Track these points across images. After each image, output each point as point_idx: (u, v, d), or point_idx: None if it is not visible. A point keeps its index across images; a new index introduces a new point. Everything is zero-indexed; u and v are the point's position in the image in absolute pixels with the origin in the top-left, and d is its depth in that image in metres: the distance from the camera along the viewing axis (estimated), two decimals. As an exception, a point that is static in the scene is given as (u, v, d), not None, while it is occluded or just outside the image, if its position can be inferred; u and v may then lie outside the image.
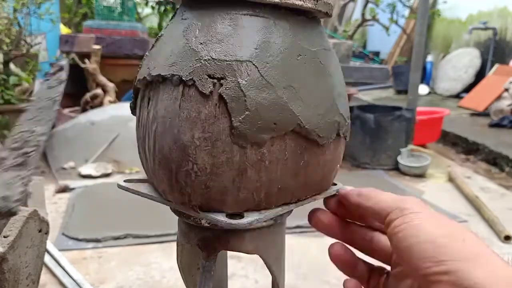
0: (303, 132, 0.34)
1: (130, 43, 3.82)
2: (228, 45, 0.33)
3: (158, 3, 5.03)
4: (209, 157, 0.32)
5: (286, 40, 0.34)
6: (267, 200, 0.35)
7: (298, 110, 0.34)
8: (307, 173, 0.36)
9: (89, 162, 2.53)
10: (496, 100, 4.05)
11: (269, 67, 0.33)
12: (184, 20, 0.35)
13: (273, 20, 0.34)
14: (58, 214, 1.89)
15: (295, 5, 0.34)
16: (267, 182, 0.34)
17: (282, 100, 0.33)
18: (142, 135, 0.37)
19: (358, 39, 7.19)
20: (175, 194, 0.35)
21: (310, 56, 0.36)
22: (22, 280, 0.70)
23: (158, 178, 0.36)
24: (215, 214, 0.34)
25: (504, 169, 2.74)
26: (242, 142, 0.32)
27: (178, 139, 0.33)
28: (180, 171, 0.33)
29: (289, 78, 0.34)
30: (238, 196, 0.34)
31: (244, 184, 0.33)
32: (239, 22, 0.33)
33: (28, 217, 0.70)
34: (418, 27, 2.72)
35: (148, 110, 0.35)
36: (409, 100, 2.83)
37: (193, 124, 0.32)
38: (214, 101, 0.32)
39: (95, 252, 1.58)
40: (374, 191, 0.36)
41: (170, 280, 1.42)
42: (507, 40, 4.97)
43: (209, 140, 0.32)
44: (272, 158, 0.34)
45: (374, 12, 4.16)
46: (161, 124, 0.34)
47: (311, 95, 0.35)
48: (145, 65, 0.37)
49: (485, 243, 0.29)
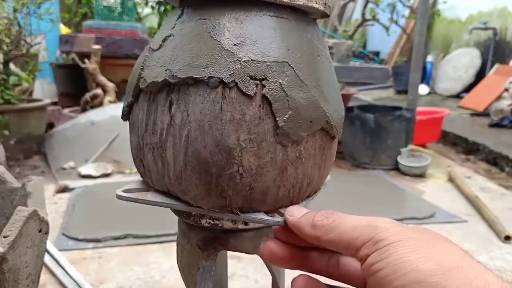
0: (328, 128, 0.36)
1: (130, 43, 3.82)
2: (263, 46, 0.33)
3: (158, 3, 5.02)
4: (255, 158, 0.33)
5: (306, 41, 0.36)
6: (298, 195, 0.37)
7: (326, 108, 0.35)
8: (325, 166, 0.38)
9: (89, 162, 2.53)
10: (496, 100, 4.05)
11: (301, 67, 0.34)
12: (204, 20, 0.34)
13: (294, 22, 0.35)
14: (58, 214, 1.89)
15: (313, 8, 0.35)
16: (302, 178, 0.36)
17: (314, 99, 0.34)
18: (158, 141, 0.35)
19: (358, 39, 7.19)
20: (213, 198, 0.34)
21: (324, 56, 0.37)
22: (22, 280, 0.69)
23: (187, 185, 0.34)
24: (256, 214, 0.35)
25: (504, 169, 2.74)
26: (285, 141, 0.33)
27: (221, 142, 0.32)
28: (223, 175, 0.33)
29: (316, 78, 0.35)
30: (277, 195, 0.35)
31: (284, 182, 0.34)
32: (266, 23, 0.34)
33: (28, 217, 0.70)
34: (418, 27, 2.72)
35: (172, 114, 0.34)
36: (409, 100, 2.83)
37: (237, 126, 0.32)
38: (257, 102, 0.32)
39: (95, 252, 1.58)
40: (332, 217, 0.29)
41: (170, 280, 1.42)
42: (507, 40, 4.96)
43: (254, 141, 0.32)
44: (307, 154, 0.35)
45: (374, 12, 4.15)
46: (196, 128, 0.33)
47: (331, 92, 0.36)
48: (154, 66, 0.35)
49: (484, 265, 0.24)
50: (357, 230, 0.27)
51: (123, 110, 0.39)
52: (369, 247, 0.26)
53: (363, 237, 0.26)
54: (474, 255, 1.11)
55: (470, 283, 0.23)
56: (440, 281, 0.23)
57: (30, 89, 3.21)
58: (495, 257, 1.60)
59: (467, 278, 0.23)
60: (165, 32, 0.36)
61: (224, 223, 0.37)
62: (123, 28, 3.96)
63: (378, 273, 0.25)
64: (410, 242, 0.25)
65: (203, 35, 0.34)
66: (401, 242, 0.25)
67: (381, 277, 0.24)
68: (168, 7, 4.83)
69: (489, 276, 0.23)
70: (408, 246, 0.25)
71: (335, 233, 0.28)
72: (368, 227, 0.27)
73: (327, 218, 0.29)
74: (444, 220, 1.91)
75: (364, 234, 0.26)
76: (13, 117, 2.63)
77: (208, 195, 0.34)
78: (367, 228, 0.27)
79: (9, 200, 0.90)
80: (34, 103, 2.86)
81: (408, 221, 1.87)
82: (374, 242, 0.26)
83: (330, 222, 0.28)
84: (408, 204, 2.11)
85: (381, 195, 2.23)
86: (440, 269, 0.23)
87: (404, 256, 0.24)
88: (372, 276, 0.25)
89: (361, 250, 0.26)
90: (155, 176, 0.37)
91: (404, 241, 0.25)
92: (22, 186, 0.88)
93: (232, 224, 0.38)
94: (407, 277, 0.23)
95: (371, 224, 0.27)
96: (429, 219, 1.91)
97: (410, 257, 0.24)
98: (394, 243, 0.25)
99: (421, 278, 0.23)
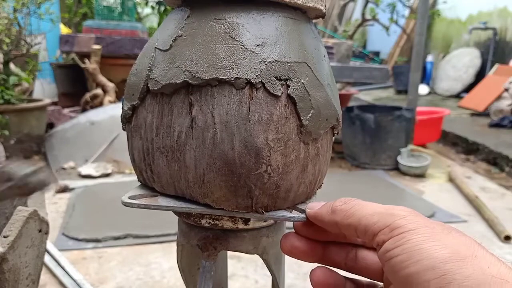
0: (336, 125, 0.37)
1: (130, 43, 3.82)
2: (283, 47, 0.34)
3: (158, 3, 5.02)
4: (282, 157, 0.33)
5: (315, 41, 0.37)
6: (311, 191, 0.38)
7: (336, 106, 0.37)
8: (329, 161, 0.39)
9: (89, 162, 2.53)
10: (496, 100, 4.05)
11: (316, 68, 0.35)
12: (220, 21, 0.34)
13: (303, 23, 0.36)
14: (58, 214, 1.89)
15: (318, 10, 0.36)
16: (318, 174, 0.37)
17: (328, 97, 0.36)
18: (175, 144, 0.34)
19: (358, 39, 7.19)
20: (238, 199, 0.34)
21: (327, 56, 0.39)
22: (22, 280, 0.69)
23: (210, 187, 0.34)
24: (280, 212, 0.35)
25: (504, 169, 2.74)
26: (307, 139, 0.34)
27: (250, 143, 0.32)
28: (251, 175, 0.33)
29: (326, 77, 0.36)
30: (297, 191, 0.36)
31: (304, 179, 0.35)
32: (281, 24, 0.34)
33: (28, 217, 0.70)
34: (418, 27, 2.72)
35: (194, 116, 0.33)
36: (409, 100, 2.83)
37: (266, 126, 0.32)
38: (283, 102, 0.33)
39: (95, 252, 1.58)
40: (351, 203, 0.30)
41: (170, 280, 1.42)
42: (507, 40, 4.96)
43: (282, 140, 0.33)
44: (322, 151, 0.37)
45: (374, 12, 4.15)
46: (222, 130, 0.32)
47: (335, 90, 0.38)
48: (167, 67, 0.34)
49: (497, 257, 0.24)
50: (375, 217, 0.28)
51: (125, 114, 0.37)
52: (385, 234, 0.26)
53: (380, 224, 0.27)
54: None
55: (483, 272, 0.23)
56: (453, 268, 0.23)
57: (30, 89, 3.21)
58: (495, 257, 1.60)
59: (480, 268, 0.23)
60: (172, 33, 0.35)
61: (224, 223, 0.37)
62: (123, 28, 3.96)
63: (394, 259, 0.25)
64: (426, 230, 0.25)
65: (222, 36, 0.33)
66: (417, 230, 0.25)
67: (396, 263, 0.25)
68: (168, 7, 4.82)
69: (502, 267, 0.24)
70: (424, 234, 0.25)
71: (353, 218, 0.29)
72: (386, 214, 0.27)
73: (346, 203, 0.30)
74: (444, 220, 1.91)
75: (381, 221, 0.27)
76: (13, 117, 2.63)
77: (234, 196, 0.34)
78: (385, 215, 0.27)
79: (9, 200, 0.90)
80: (34, 103, 2.86)
81: (408, 221, 1.87)
82: (391, 229, 0.26)
83: (350, 208, 0.29)
84: (408, 204, 2.09)
85: (381, 195, 2.23)
86: (454, 257, 0.23)
87: (420, 243, 0.25)
88: (388, 262, 0.26)
89: (378, 236, 0.27)
90: (167, 180, 0.36)
91: (420, 229, 0.25)
92: (22, 186, 0.88)
93: (232, 224, 0.38)
94: (422, 264, 0.24)
95: (389, 211, 0.27)
96: (429, 219, 1.91)
97: (426, 244, 0.24)
98: (410, 230, 0.25)
99: (434, 265, 0.23)
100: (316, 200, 0.39)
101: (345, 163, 2.81)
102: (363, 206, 0.29)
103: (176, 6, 0.38)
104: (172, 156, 0.34)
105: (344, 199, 0.31)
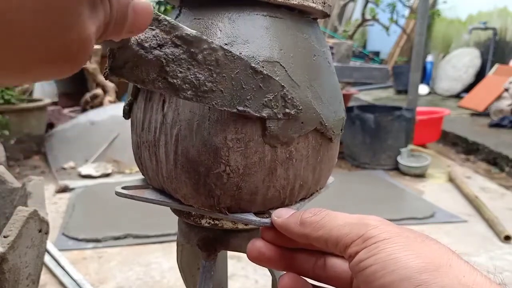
0: (323, 130, 0.35)
1: (130, 43, 3.81)
2: (254, 46, 0.33)
3: (158, 3, 5.02)
4: (242, 158, 0.33)
5: (302, 41, 0.35)
6: (290, 197, 0.36)
7: (320, 109, 0.35)
8: (321, 168, 0.37)
9: (89, 162, 2.53)
10: (496, 100, 4.05)
11: (294, 67, 0.34)
12: (199, 20, 0.34)
13: (290, 21, 0.35)
14: (58, 214, 1.89)
15: (310, 7, 0.35)
16: (293, 179, 0.35)
17: (307, 100, 0.34)
18: (152, 139, 0.35)
19: (358, 39, 7.19)
20: (201, 197, 0.34)
21: (321, 56, 0.37)
22: (22, 280, 0.69)
23: (178, 183, 0.34)
24: (245, 215, 0.34)
25: (504, 169, 2.74)
26: (274, 142, 0.33)
27: (208, 142, 0.32)
28: (210, 174, 0.33)
29: (309, 78, 0.35)
30: (266, 195, 0.35)
31: (273, 182, 0.34)
32: (259, 23, 0.34)
33: (28, 217, 0.70)
34: (418, 27, 2.72)
35: (165, 113, 0.34)
36: (409, 100, 2.83)
37: (225, 125, 0.32)
38: None
39: (95, 252, 1.58)
40: (321, 214, 0.28)
41: (170, 280, 1.42)
42: (507, 40, 4.96)
43: (242, 141, 0.32)
44: (298, 155, 0.35)
45: (374, 12, 4.15)
46: (185, 127, 0.33)
47: (326, 93, 0.36)
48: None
49: (472, 265, 0.24)
50: (347, 227, 0.27)
51: (123, 109, 0.40)
52: (358, 244, 0.25)
53: (352, 234, 0.26)
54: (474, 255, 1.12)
55: (458, 281, 0.23)
56: (428, 278, 0.22)
57: (30, 89, 3.21)
58: (495, 257, 1.60)
59: (455, 277, 0.23)
60: None
61: (224, 223, 0.38)
62: (123, 28, 3.95)
63: (367, 269, 0.24)
64: (400, 240, 0.25)
65: None
66: (391, 239, 0.25)
67: (369, 273, 0.24)
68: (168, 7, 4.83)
69: (478, 276, 0.23)
70: (398, 243, 0.25)
71: (324, 230, 0.27)
72: (358, 225, 0.26)
73: (315, 215, 0.29)
74: (444, 220, 1.91)
75: (353, 231, 0.26)
76: (13, 117, 2.63)
77: (197, 194, 0.34)
78: (357, 226, 0.26)
79: (9, 200, 0.90)
80: (34, 103, 2.86)
81: (408, 221, 1.87)
82: (364, 239, 0.25)
83: (319, 219, 0.28)
84: (408, 204, 2.11)
85: (381, 195, 2.23)
86: (429, 267, 0.23)
87: (394, 253, 0.24)
88: (361, 273, 0.25)
89: (350, 247, 0.26)
90: (151, 174, 0.37)
91: (394, 239, 0.25)
92: (22, 186, 0.88)
93: (232, 224, 0.38)
94: (396, 274, 0.23)
95: (361, 221, 0.27)
96: (429, 219, 1.91)
97: (400, 254, 0.24)
98: (384, 240, 0.25)
99: (409, 275, 0.23)
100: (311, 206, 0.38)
101: (345, 163, 2.81)
102: (334, 217, 0.28)
103: (177, 5, 0.38)
104: (152, 151, 0.36)
105: (313, 209, 0.29)
